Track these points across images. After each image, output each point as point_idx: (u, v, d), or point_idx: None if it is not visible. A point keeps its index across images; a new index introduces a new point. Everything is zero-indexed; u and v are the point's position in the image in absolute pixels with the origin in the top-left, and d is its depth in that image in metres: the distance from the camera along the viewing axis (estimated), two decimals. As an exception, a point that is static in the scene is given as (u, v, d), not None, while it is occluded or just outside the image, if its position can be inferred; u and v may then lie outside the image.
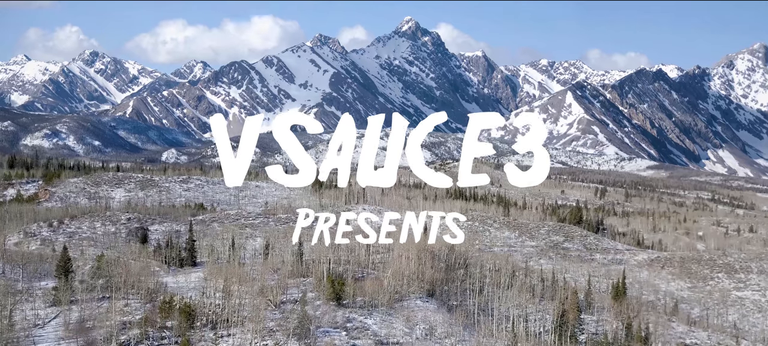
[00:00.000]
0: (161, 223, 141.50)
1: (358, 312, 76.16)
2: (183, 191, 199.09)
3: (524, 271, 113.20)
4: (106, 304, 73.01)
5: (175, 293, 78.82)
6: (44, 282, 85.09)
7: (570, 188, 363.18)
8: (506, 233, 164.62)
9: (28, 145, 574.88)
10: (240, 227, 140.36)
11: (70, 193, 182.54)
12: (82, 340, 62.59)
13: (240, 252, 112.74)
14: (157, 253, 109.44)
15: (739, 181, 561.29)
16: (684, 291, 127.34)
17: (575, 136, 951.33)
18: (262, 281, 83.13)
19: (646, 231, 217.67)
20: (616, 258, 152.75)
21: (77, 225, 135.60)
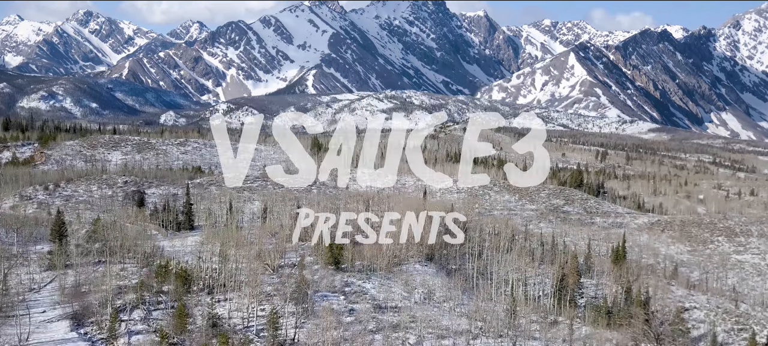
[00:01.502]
0: (158, 186, 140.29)
1: (356, 276, 75.53)
2: (180, 153, 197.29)
3: (524, 235, 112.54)
4: (102, 268, 72.27)
5: (171, 258, 78.07)
6: (40, 246, 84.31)
7: (571, 151, 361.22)
8: (506, 196, 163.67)
9: (25, 108, 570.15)
10: (238, 190, 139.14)
11: (67, 156, 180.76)
12: (78, 304, 61.98)
13: (238, 216, 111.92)
14: (154, 217, 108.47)
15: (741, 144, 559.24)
16: (684, 255, 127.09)
17: (577, 99, 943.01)
18: (259, 245, 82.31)
19: (646, 194, 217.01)
20: (616, 221, 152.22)
21: (73, 188, 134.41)
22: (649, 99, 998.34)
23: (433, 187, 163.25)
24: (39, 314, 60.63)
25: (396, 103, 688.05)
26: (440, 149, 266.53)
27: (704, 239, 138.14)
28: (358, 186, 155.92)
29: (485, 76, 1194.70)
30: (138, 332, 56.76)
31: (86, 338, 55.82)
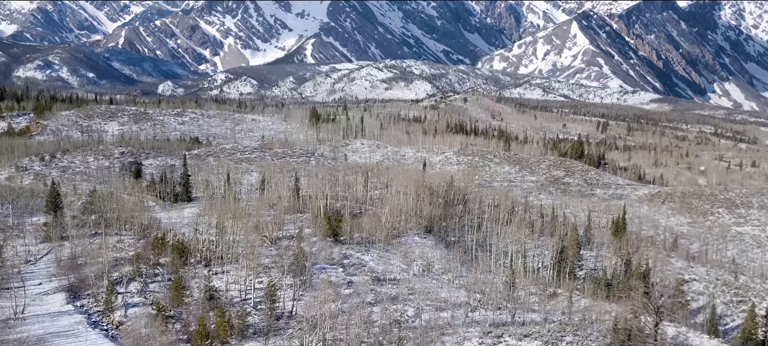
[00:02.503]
0: (155, 157, 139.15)
1: (355, 249, 75.01)
2: (178, 124, 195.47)
3: (524, 206, 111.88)
4: (98, 240, 71.62)
5: (168, 229, 77.43)
6: (36, 218, 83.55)
7: (572, 122, 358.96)
8: (506, 167, 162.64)
9: (21, 77, 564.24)
10: (236, 161, 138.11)
11: (63, 126, 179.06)
12: (74, 277, 61.49)
13: (235, 187, 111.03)
14: (150, 188, 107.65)
15: (743, 115, 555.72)
16: (684, 226, 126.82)
17: (579, 69, 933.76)
18: (257, 217, 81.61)
19: (647, 166, 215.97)
20: (616, 193, 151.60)
21: (70, 159, 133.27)
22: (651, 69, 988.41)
23: (433, 158, 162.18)
24: (35, 286, 60.19)
25: (396, 72, 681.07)
26: (440, 120, 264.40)
27: (704, 211, 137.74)
28: (357, 157, 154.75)
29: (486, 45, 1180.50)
30: (134, 305, 56.36)
31: (82, 310, 55.45)
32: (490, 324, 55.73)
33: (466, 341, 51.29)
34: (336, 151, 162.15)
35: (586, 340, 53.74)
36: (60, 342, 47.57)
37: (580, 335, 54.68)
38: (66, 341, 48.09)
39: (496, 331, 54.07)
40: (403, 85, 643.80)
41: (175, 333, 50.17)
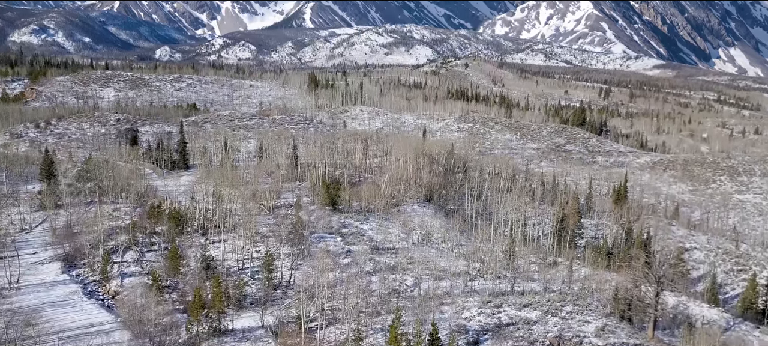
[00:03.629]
0: (152, 124, 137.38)
1: (353, 217, 74.20)
2: (174, 90, 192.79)
3: (524, 174, 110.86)
4: (94, 208, 70.77)
5: (165, 198, 76.53)
6: (31, 186, 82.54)
7: (574, 88, 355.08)
8: (507, 135, 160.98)
9: (16, 42, 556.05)
10: (233, 128, 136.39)
11: (58, 92, 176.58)
12: (69, 246, 60.80)
13: (233, 155, 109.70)
14: (147, 155, 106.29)
15: (747, 81, 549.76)
16: (685, 194, 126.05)
17: (582, 34, 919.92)
18: (255, 185, 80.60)
19: (649, 133, 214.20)
20: (618, 160, 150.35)
21: (65, 126, 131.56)
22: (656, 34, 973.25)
23: (433, 125, 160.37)
24: (30, 255, 59.53)
25: (396, 37, 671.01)
26: (441, 86, 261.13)
27: (706, 179, 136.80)
28: (356, 124, 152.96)
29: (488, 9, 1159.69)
30: (131, 275, 55.79)
31: (78, 280, 54.89)
32: (489, 294, 55.28)
33: (465, 311, 50.86)
34: (335, 117, 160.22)
35: (586, 309, 53.35)
36: (55, 312, 47.08)
37: (580, 305, 54.29)
38: (61, 311, 47.60)
39: (496, 300, 53.63)
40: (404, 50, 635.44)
41: (171, 303, 49.67)
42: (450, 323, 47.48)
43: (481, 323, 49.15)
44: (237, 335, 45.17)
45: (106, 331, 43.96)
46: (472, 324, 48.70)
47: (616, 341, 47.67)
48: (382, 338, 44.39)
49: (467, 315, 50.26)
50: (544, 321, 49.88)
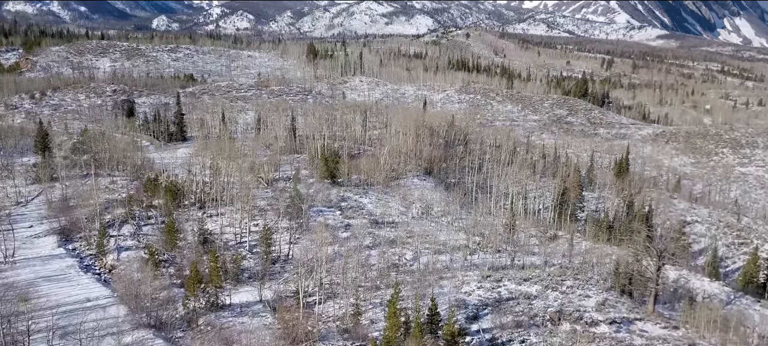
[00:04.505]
0: (149, 95, 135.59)
1: (352, 191, 73.42)
2: (172, 60, 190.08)
3: (526, 146, 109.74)
4: (89, 181, 69.90)
5: (162, 170, 75.64)
6: (26, 158, 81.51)
7: (576, 59, 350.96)
8: (509, 106, 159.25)
9: (11, 11, 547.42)
10: (231, 99, 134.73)
11: (53, 62, 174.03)
12: (65, 219, 60.13)
13: (231, 127, 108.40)
14: (144, 127, 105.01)
15: (752, 52, 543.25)
16: (687, 167, 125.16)
17: (585, 3, 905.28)
18: (253, 158, 79.63)
19: (652, 104, 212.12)
20: (620, 132, 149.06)
21: (61, 97, 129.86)
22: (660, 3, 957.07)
23: (434, 96, 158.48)
24: (25, 229, 58.90)
25: (396, 7, 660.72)
26: (442, 56, 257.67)
27: (708, 151, 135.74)
28: (355, 95, 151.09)
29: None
30: (127, 248, 55.24)
31: (74, 254, 54.34)
32: (489, 268, 54.85)
33: (464, 285, 50.47)
34: (334, 88, 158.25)
35: (587, 284, 52.96)
36: (51, 287, 46.62)
37: (581, 279, 53.90)
38: (57, 285, 47.14)
39: (495, 275, 53.20)
40: (404, 20, 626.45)
41: (168, 278, 49.25)
42: (449, 298, 47.10)
43: (481, 297, 48.79)
44: (235, 310, 44.81)
45: (102, 306, 43.52)
46: (472, 299, 48.34)
47: (616, 316, 47.35)
48: (381, 312, 44.04)
49: (467, 289, 49.88)
50: (545, 296, 49.51)
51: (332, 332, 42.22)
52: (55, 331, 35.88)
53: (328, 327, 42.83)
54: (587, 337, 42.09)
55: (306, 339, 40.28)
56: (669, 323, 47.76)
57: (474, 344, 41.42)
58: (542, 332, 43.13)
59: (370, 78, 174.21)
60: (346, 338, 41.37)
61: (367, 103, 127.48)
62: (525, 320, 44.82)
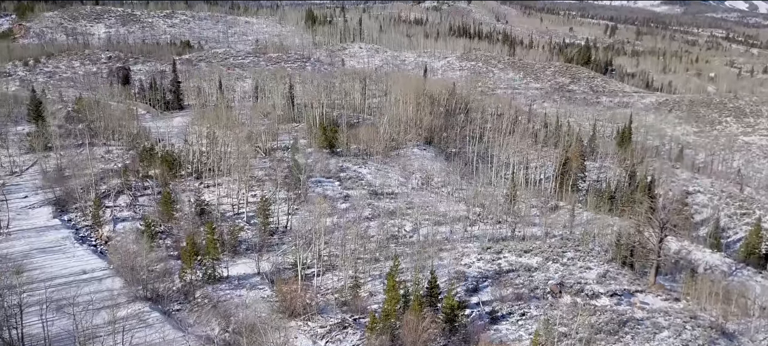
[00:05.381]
0: (144, 62, 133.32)
1: (352, 161, 72.42)
2: (167, 27, 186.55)
3: (527, 115, 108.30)
4: (85, 151, 68.83)
5: (158, 140, 74.55)
6: (20, 127, 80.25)
7: (579, 25, 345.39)
8: (510, 74, 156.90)
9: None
10: (228, 67, 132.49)
11: (47, 29, 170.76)
12: (60, 189, 59.29)
13: (228, 95, 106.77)
14: (140, 95, 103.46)
15: (758, 18, 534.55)
16: (690, 136, 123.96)
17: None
18: (250, 127, 78.35)
19: (655, 72, 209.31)
20: (622, 101, 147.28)
21: (55, 64, 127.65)
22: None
23: (435, 64, 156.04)
24: (20, 199, 58.11)
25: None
26: (443, 22, 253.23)
27: (712, 120, 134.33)
28: (354, 63, 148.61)
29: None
30: (123, 219, 54.56)
31: (70, 225, 53.65)
32: (489, 239, 54.29)
33: (464, 257, 49.97)
34: (333, 55, 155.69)
35: (588, 255, 52.50)
36: (46, 259, 46.08)
37: (582, 250, 53.44)
38: (53, 257, 46.59)
39: (496, 246, 52.69)
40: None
41: (165, 249, 48.67)
42: (449, 270, 46.63)
43: (481, 269, 48.34)
44: (232, 283, 44.35)
45: (98, 278, 43.03)
46: (472, 271, 47.89)
47: (617, 288, 47.00)
48: (380, 285, 43.59)
49: (467, 262, 49.39)
50: (545, 268, 49.07)
51: (331, 304, 41.85)
52: (49, 304, 35.38)
53: (326, 300, 42.44)
54: (588, 310, 41.75)
55: (304, 312, 39.90)
56: (670, 295, 47.44)
57: (474, 317, 41.08)
58: (543, 305, 42.78)
59: (369, 45, 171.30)
60: (344, 310, 41.00)
61: (366, 70, 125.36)
62: (525, 293, 44.45)
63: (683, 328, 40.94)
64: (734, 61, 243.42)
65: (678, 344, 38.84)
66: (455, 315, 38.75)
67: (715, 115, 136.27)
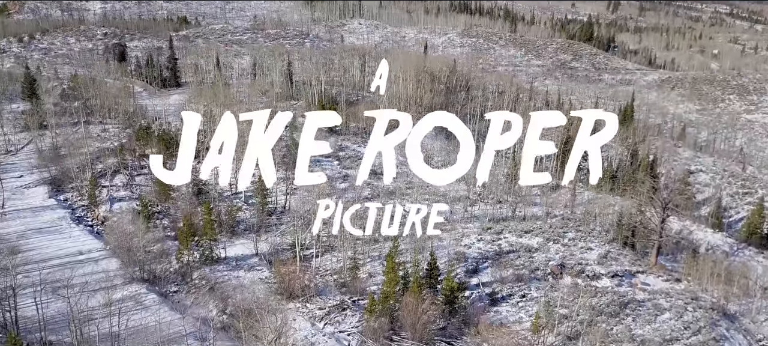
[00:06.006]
0: (141, 39, 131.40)
1: (351, 140, 71.59)
2: (164, 2, 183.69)
3: (529, 93, 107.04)
4: (81, 129, 67.96)
5: (155, 118, 73.60)
6: (15, 104, 79.19)
7: (581, 1, 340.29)
8: (512, 51, 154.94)
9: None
10: (226, 44, 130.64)
11: (42, 4, 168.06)
12: (56, 168, 58.64)
13: (226, 72, 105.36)
14: (136, 72, 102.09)
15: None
16: (693, 114, 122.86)
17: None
18: (249, 105, 77.26)
19: (658, 49, 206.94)
20: (625, 78, 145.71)
21: (50, 41, 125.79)
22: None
23: (435, 40, 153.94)
24: (15, 179, 57.49)
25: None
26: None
27: (715, 98, 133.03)
28: (354, 39, 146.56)
29: None
30: (120, 199, 54.04)
31: (66, 205, 53.16)
32: (489, 219, 53.83)
33: (464, 238, 49.55)
34: (332, 32, 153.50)
35: (589, 236, 52.12)
36: (42, 239, 45.68)
37: (583, 231, 53.05)
38: (48, 237, 46.18)
39: (496, 227, 52.26)
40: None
41: (162, 230, 48.20)
42: (449, 251, 46.21)
43: (481, 250, 47.95)
44: (230, 264, 43.98)
45: (95, 259, 42.69)
46: (472, 252, 47.50)
47: (618, 269, 46.69)
48: (379, 266, 43.23)
49: (467, 242, 48.99)
50: (546, 248, 48.69)
51: (330, 286, 41.51)
52: (44, 286, 34.98)
53: (325, 281, 42.10)
54: (589, 291, 41.43)
55: (303, 293, 39.58)
56: (671, 276, 47.14)
57: (473, 299, 40.79)
58: (543, 286, 42.48)
59: (369, 21, 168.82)
60: (343, 292, 40.68)
61: (366, 46, 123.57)
62: (526, 274, 44.11)
63: (684, 310, 40.69)
64: (738, 38, 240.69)
65: (679, 326, 38.62)
66: (455, 297, 38.44)
67: (718, 93, 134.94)
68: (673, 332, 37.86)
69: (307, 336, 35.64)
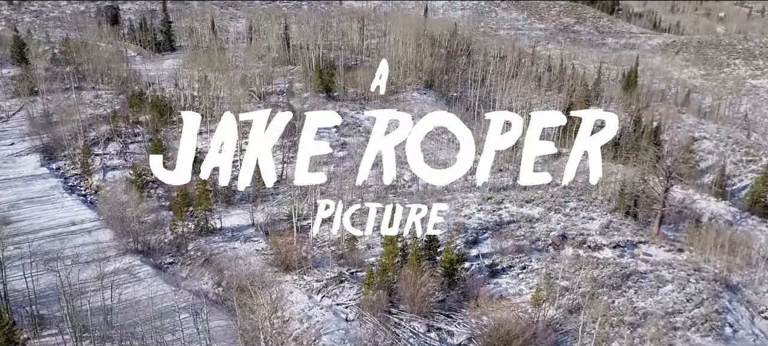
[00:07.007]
0: (134, 1, 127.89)
1: (349, 106, 70.04)
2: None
3: (531, 57, 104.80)
4: (72, 95, 66.41)
5: (148, 83, 71.91)
6: (5, 70, 77.25)
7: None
8: (514, 14, 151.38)
9: None
10: (222, 7, 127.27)
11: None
12: (48, 136, 57.42)
13: (221, 36, 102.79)
14: (130, 36, 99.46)
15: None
16: (697, 79, 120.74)
17: None
18: (244, 70, 75.53)
19: (663, 12, 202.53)
20: (629, 42, 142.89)
21: (41, 3, 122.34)
22: None
23: (436, 3, 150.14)
24: (6, 146, 56.34)
25: None
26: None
27: (720, 62, 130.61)
28: (352, 1, 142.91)
29: None
30: (114, 168, 53.02)
31: (58, 174, 52.15)
32: (490, 189, 52.93)
33: (464, 208, 48.73)
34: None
35: (591, 205, 51.30)
36: (34, 209, 44.83)
37: (585, 200, 52.20)
38: (41, 207, 45.32)
39: (497, 196, 51.40)
40: None
41: (156, 199, 47.35)
42: (448, 222, 45.44)
43: (481, 220, 47.20)
44: (226, 235, 43.26)
45: (88, 229, 41.94)
46: (472, 222, 46.75)
47: (620, 239, 46.02)
48: (378, 238, 42.48)
49: (467, 212, 48.19)
50: (547, 218, 47.93)
51: (327, 257, 40.87)
52: (35, 259, 34.26)
53: (323, 252, 41.45)
54: (591, 263, 40.83)
55: (300, 266, 38.95)
56: (674, 246, 46.51)
57: (473, 271, 40.21)
58: (544, 258, 41.86)
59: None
60: (341, 264, 40.06)
61: (364, 9, 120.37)
62: (526, 245, 43.44)
63: (687, 281, 40.17)
64: (745, 1, 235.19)
65: (682, 298, 38.14)
66: (454, 269, 37.83)
67: (724, 58, 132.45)
68: (675, 304, 37.40)
69: (304, 309, 35.14)
